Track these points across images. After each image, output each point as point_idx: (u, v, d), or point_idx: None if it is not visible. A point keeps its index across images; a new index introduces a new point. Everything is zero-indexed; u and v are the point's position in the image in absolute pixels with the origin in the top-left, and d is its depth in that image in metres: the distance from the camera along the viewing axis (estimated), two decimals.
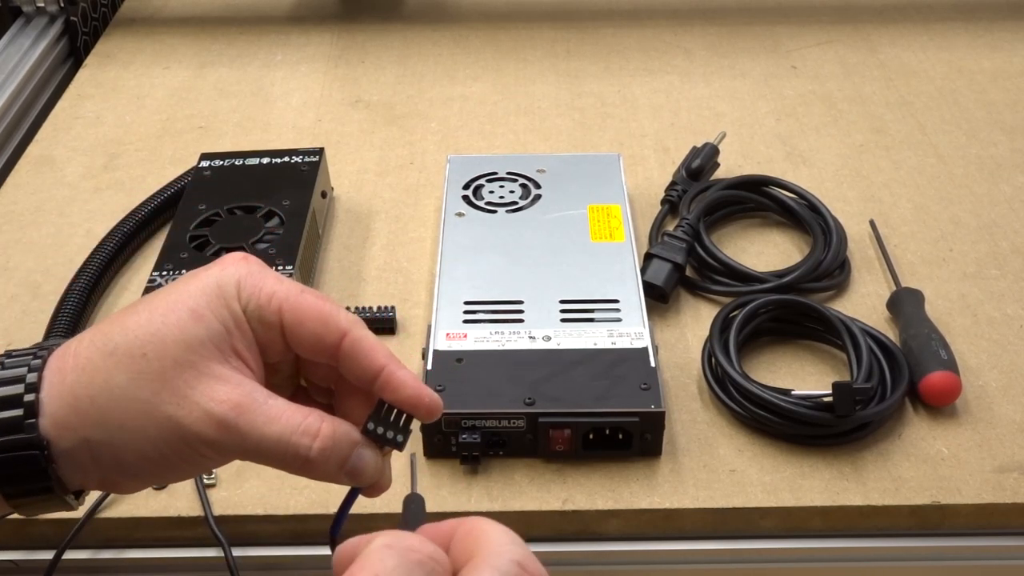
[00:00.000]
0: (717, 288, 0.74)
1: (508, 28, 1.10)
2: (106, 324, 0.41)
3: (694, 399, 0.66)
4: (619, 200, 0.77)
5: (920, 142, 0.91)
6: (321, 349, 0.42)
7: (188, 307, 0.41)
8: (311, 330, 0.42)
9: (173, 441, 0.40)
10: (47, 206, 0.85)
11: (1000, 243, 0.79)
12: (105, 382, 0.40)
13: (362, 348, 0.42)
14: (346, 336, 0.42)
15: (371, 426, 0.42)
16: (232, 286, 0.42)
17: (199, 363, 0.40)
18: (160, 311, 0.41)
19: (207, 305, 0.41)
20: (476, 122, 0.95)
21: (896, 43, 1.06)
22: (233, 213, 0.75)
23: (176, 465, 0.41)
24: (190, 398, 0.40)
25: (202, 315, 0.41)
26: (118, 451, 0.40)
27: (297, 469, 0.41)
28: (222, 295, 0.41)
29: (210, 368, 0.40)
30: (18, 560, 0.60)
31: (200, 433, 0.39)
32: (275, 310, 0.42)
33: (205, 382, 0.40)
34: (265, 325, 0.42)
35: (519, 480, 0.61)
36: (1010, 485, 0.60)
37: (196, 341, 0.40)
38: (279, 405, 0.41)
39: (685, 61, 1.04)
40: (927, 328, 0.67)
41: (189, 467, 0.41)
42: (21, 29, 1.08)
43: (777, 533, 0.61)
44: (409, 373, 0.42)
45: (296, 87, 1.00)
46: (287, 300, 0.42)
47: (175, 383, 0.40)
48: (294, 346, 0.42)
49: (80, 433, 0.40)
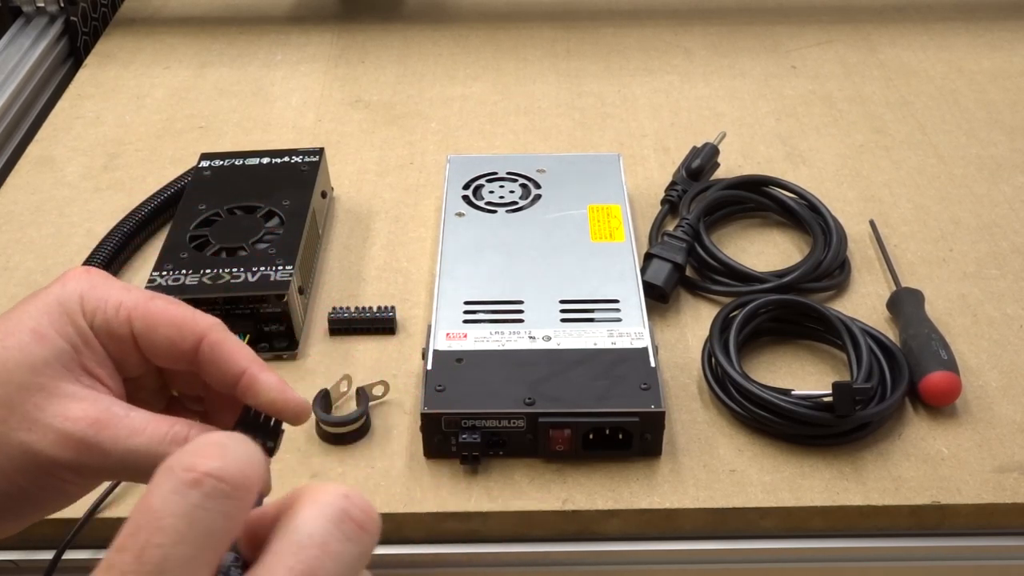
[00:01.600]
0: (717, 288, 0.74)
1: (508, 28, 1.10)
2: None
3: (694, 399, 0.66)
4: (619, 200, 0.77)
5: (920, 142, 0.91)
6: (178, 356, 0.40)
7: (29, 328, 0.38)
8: (164, 336, 0.40)
9: (30, 471, 0.37)
10: (47, 206, 0.85)
11: (1000, 243, 0.79)
12: None
13: (221, 352, 0.40)
14: (203, 340, 0.40)
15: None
16: (75, 302, 0.39)
17: (47, 384, 0.38)
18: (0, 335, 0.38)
19: (50, 324, 0.39)
20: (476, 122, 0.95)
21: (896, 43, 1.06)
22: (233, 213, 0.75)
23: (37, 498, 0.39)
24: (41, 421, 0.37)
25: (45, 335, 0.38)
26: None
27: None
28: (66, 312, 0.39)
29: (60, 388, 0.38)
30: (18, 560, 0.60)
31: (56, 457, 0.37)
32: (124, 320, 0.40)
33: (56, 403, 0.38)
34: (115, 338, 0.40)
35: (519, 480, 0.61)
36: (1010, 485, 0.60)
37: (41, 362, 0.38)
38: (141, 417, 0.39)
39: (685, 61, 1.04)
40: (927, 328, 0.67)
41: (51, 499, 0.39)
42: (21, 29, 1.08)
43: (777, 533, 0.61)
44: (272, 376, 0.40)
45: (296, 87, 1.00)
46: (136, 308, 0.40)
47: (24, 408, 0.37)
48: (149, 355, 0.40)
49: None
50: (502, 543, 0.60)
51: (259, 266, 0.69)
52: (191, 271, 0.69)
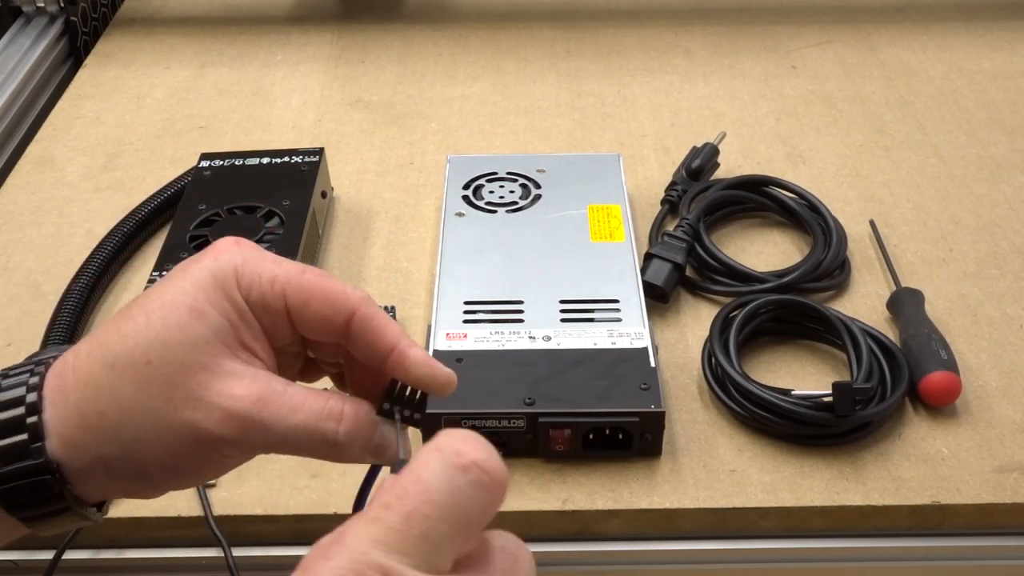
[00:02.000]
0: (717, 288, 0.74)
1: (508, 28, 1.10)
2: (102, 332, 0.39)
3: (694, 399, 0.66)
4: (619, 200, 0.77)
5: (920, 142, 0.91)
6: (330, 330, 0.40)
7: (187, 305, 0.38)
8: (318, 312, 0.40)
9: (194, 446, 0.38)
10: (47, 206, 0.85)
11: (1000, 243, 0.79)
12: (112, 395, 0.38)
13: (372, 327, 0.40)
14: (355, 315, 0.40)
15: (387, 406, 0.41)
16: (230, 276, 0.39)
17: (209, 362, 0.38)
18: (158, 313, 0.38)
19: (207, 300, 0.39)
20: (476, 122, 0.95)
21: (896, 43, 1.06)
22: (233, 213, 0.75)
23: (198, 469, 0.39)
24: (206, 400, 0.38)
25: (203, 312, 0.38)
26: (136, 464, 0.38)
27: (324, 454, 0.39)
28: (221, 287, 0.39)
29: (221, 365, 0.38)
30: (18, 560, 0.60)
31: (222, 435, 0.38)
32: (279, 294, 0.40)
33: (219, 381, 0.38)
34: (270, 311, 0.40)
35: (519, 480, 0.61)
36: (1010, 485, 0.60)
37: (202, 340, 0.38)
38: (299, 392, 0.39)
39: (685, 61, 1.04)
40: (927, 328, 0.67)
41: (212, 469, 0.40)
42: (21, 29, 1.08)
43: (777, 533, 0.61)
44: (420, 351, 0.41)
45: (296, 87, 1.00)
46: (290, 283, 0.40)
47: (187, 387, 0.38)
48: (301, 329, 0.41)
49: (92, 451, 0.38)
50: None
51: None
52: None
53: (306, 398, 0.39)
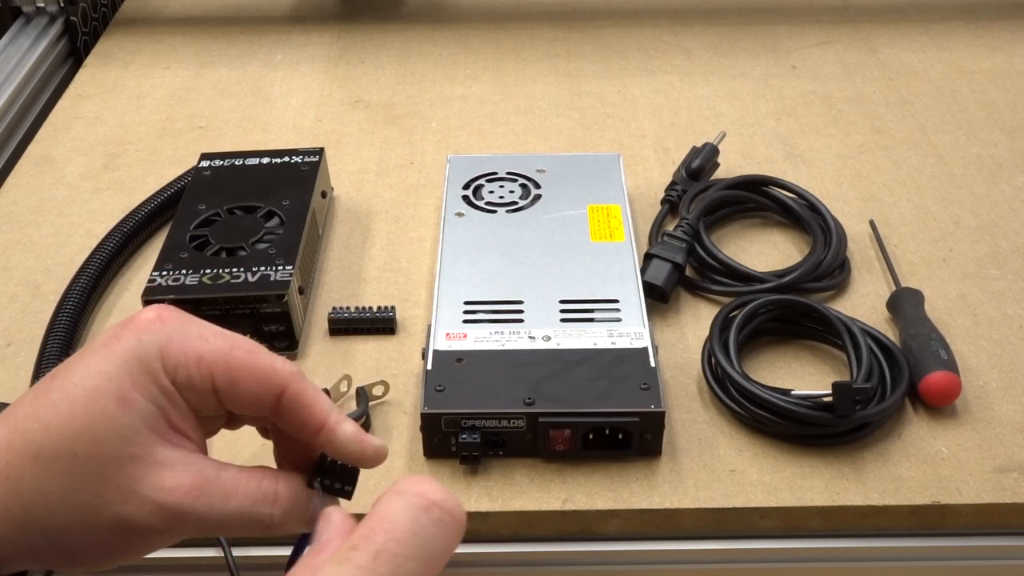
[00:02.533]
0: (717, 288, 0.74)
1: (508, 28, 1.10)
2: (21, 419, 0.37)
3: (694, 399, 0.66)
4: (619, 200, 0.77)
5: (920, 142, 0.91)
6: (258, 407, 0.40)
7: (113, 393, 0.37)
8: (246, 391, 0.39)
9: (125, 537, 0.37)
10: (47, 206, 0.85)
11: (1000, 243, 0.79)
12: (36, 490, 0.36)
13: (301, 404, 0.40)
14: (284, 393, 0.39)
15: (318, 482, 0.41)
16: (155, 358, 0.38)
17: (139, 453, 0.37)
18: (81, 401, 0.36)
19: (133, 386, 0.37)
20: (476, 122, 0.95)
21: (896, 43, 1.06)
22: (233, 213, 0.75)
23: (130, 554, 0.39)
24: (138, 493, 0.37)
25: (130, 399, 0.37)
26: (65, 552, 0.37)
27: (260, 532, 0.39)
28: (147, 370, 0.38)
29: (152, 455, 0.37)
30: None
31: (154, 526, 0.37)
32: (206, 375, 0.39)
33: (151, 472, 0.37)
34: (197, 392, 0.39)
35: (519, 480, 0.61)
36: (1010, 485, 0.60)
37: (130, 430, 0.37)
38: (232, 476, 0.38)
39: (685, 61, 1.04)
40: (927, 328, 0.67)
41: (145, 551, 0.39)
42: (21, 29, 1.08)
43: (777, 533, 0.61)
44: (350, 426, 0.40)
45: (296, 87, 1.00)
46: (217, 363, 0.39)
47: (118, 480, 0.36)
48: (229, 406, 0.40)
49: (17, 542, 0.37)
50: (502, 543, 0.60)
51: (259, 266, 0.69)
52: (191, 271, 0.69)
53: (239, 481, 0.39)
